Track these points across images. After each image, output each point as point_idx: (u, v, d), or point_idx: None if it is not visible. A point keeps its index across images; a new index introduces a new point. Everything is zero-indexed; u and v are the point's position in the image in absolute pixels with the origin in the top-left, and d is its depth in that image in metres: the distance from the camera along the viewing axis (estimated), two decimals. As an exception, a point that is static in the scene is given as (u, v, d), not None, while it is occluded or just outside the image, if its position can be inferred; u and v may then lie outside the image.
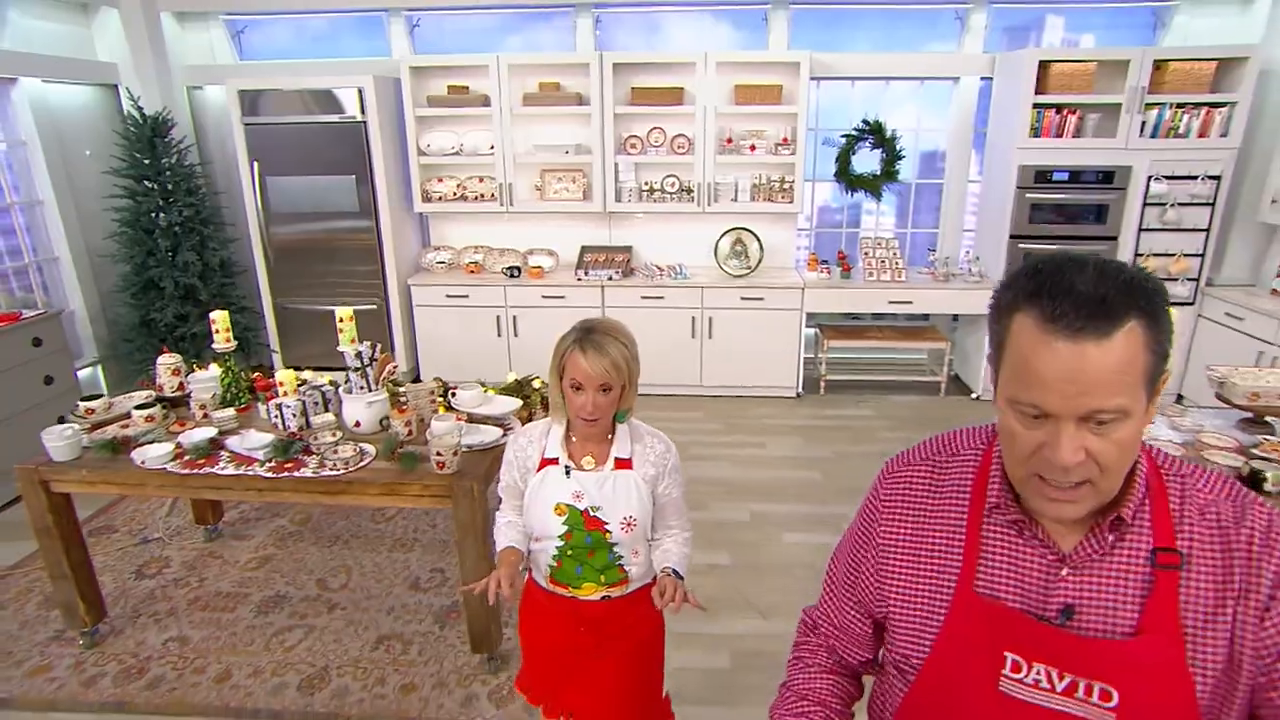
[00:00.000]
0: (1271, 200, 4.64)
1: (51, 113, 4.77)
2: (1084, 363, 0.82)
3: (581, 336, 1.68)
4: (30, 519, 2.77)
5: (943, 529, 1.06)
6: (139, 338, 5.05)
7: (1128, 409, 0.84)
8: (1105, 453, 0.86)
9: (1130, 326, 0.82)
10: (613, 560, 1.78)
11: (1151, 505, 0.96)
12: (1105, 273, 0.84)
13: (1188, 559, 0.93)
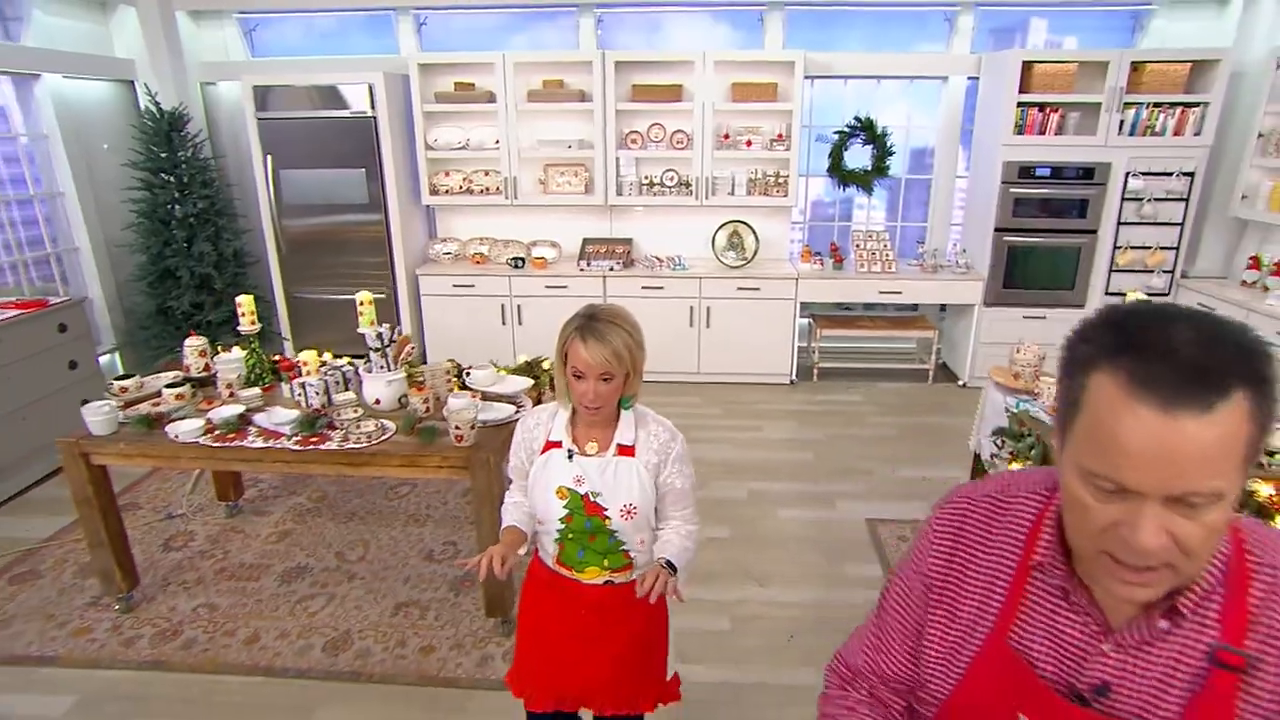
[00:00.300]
0: (1242, 196, 4.82)
1: (71, 107, 4.89)
2: (1180, 439, 0.69)
3: (583, 324, 1.65)
4: (71, 490, 2.91)
5: (988, 572, 0.96)
6: (155, 325, 5.17)
7: (1223, 491, 0.72)
8: (1191, 537, 0.73)
9: (1237, 399, 0.69)
10: (614, 545, 1.76)
11: (1226, 593, 0.82)
12: (1205, 331, 0.71)
13: (1257, 664, 0.80)
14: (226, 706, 2.61)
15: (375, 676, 2.75)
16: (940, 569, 1.00)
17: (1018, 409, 2.92)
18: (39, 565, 3.42)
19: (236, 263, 5.39)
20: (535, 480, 1.75)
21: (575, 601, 1.81)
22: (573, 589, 1.80)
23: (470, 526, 3.65)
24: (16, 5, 4.63)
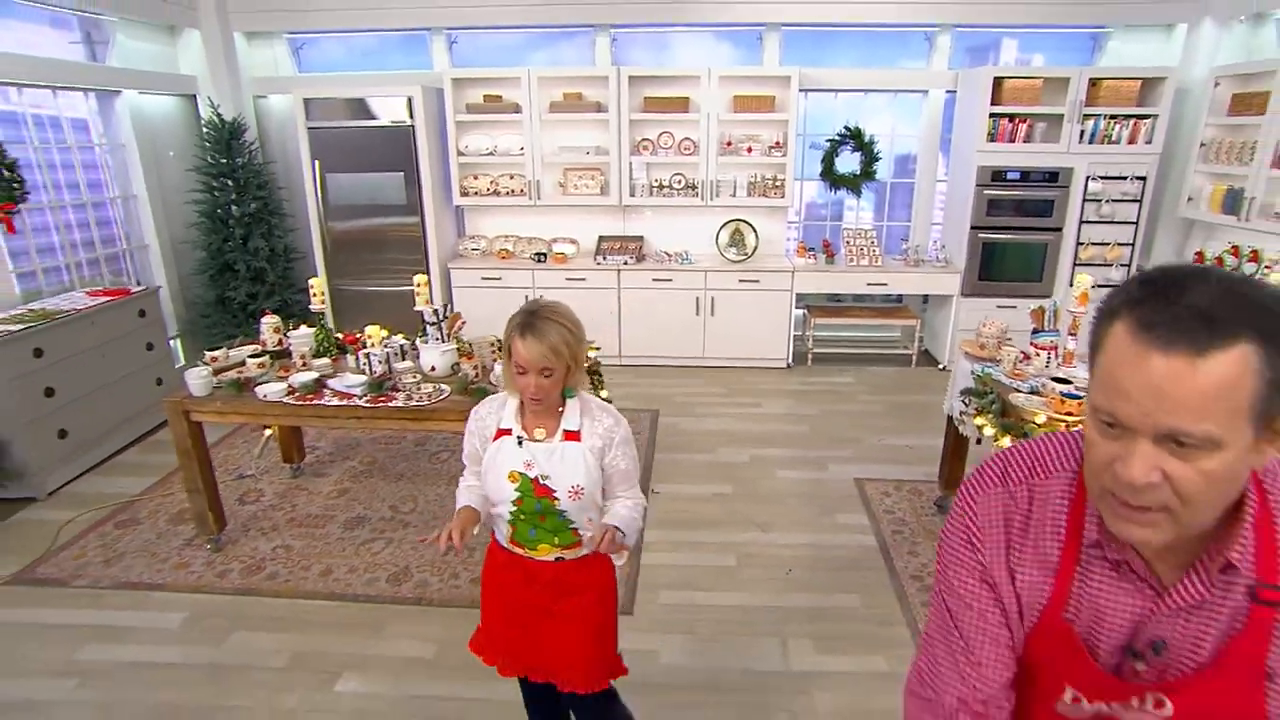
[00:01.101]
0: (1188, 198, 5.23)
1: (145, 119, 5.29)
2: (1170, 378, 0.71)
3: (524, 321, 1.67)
4: (174, 442, 3.30)
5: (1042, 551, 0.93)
6: (215, 314, 5.58)
7: (1219, 439, 0.72)
8: (1187, 481, 0.74)
9: (1240, 349, 0.70)
10: (563, 524, 1.80)
11: (1256, 533, 0.82)
12: (1225, 286, 0.72)
13: None
14: (309, 623, 3.00)
15: (434, 601, 3.14)
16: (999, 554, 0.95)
17: (982, 373, 3.32)
18: (137, 514, 3.82)
19: (286, 258, 5.80)
20: (488, 465, 1.79)
21: (530, 578, 1.86)
22: (527, 566, 1.85)
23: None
24: (103, 30, 5.05)
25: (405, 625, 2.99)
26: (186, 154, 5.65)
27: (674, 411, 5.01)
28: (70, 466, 4.13)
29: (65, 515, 3.78)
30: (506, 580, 1.90)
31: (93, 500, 3.94)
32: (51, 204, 4.73)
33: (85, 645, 2.86)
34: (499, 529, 1.87)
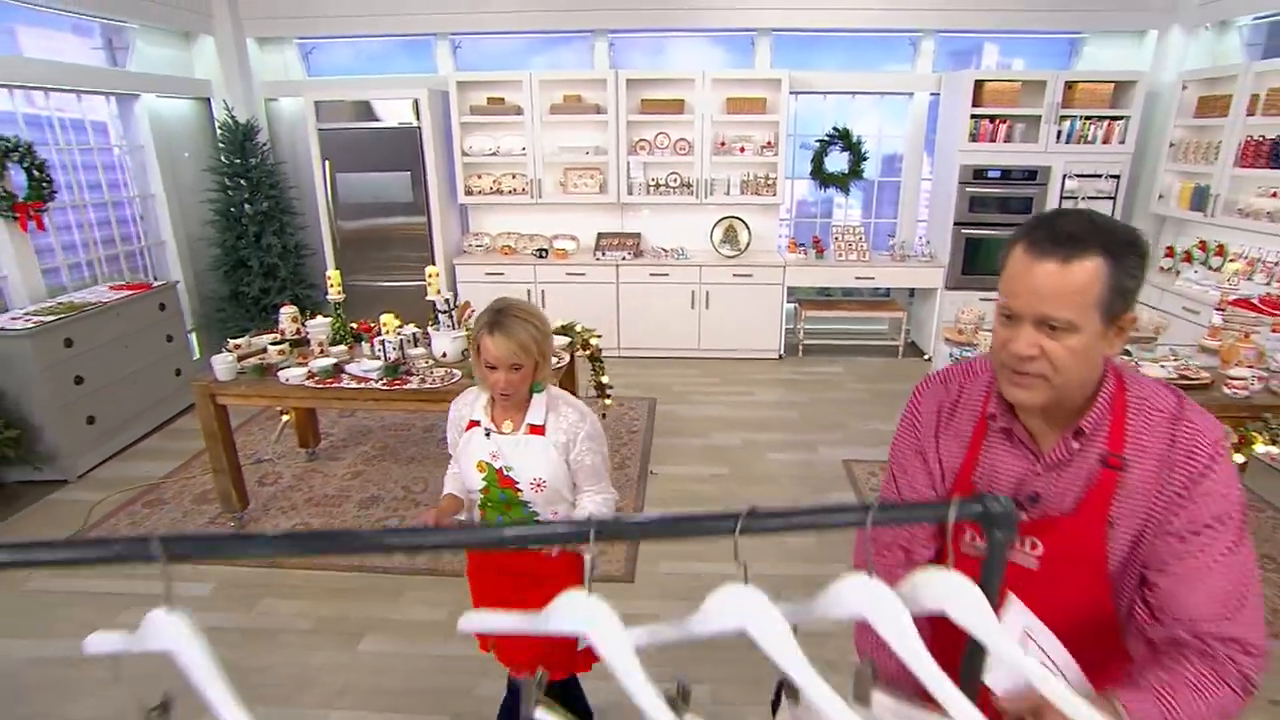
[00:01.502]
0: (1159, 196, 5.45)
1: (162, 122, 5.47)
2: (1043, 278, 0.98)
3: (492, 319, 1.71)
4: (201, 424, 3.49)
5: (960, 430, 1.22)
6: (230, 308, 5.76)
7: (1076, 324, 0.98)
8: (1056, 354, 1.00)
9: (1093, 261, 0.96)
10: (528, 517, 1.85)
11: (1112, 418, 1.08)
12: (1088, 219, 1.00)
13: (1128, 465, 1.06)
14: (331, 591, 3.19)
15: (447, 572, 3.33)
16: (930, 432, 1.25)
17: (959, 357, 3.53)
18: (163, 495, 4.00)
19: (297, 254, 5.98)
20: (460, 454, 1.87)
21: (503, 566, 1.94)
22: (496, 556, 1.93)
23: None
24: (124, 36, 5.22)
25: (420, 593, 3.18)
26: (200, 155, 5.83)
27: (671, 399, 5.21)
28: (98, 451, 4.31)
29: (95, 496, 3.96)
30: (485, 566, 1.98)
31: (120, 483, 4.12)
32: (76, 203, 4.90)
33: (123, 611, 3.05)
34: (474, 516, 1.93)
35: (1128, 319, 1.03)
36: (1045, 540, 1.15)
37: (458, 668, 2.73)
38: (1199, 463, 1.05)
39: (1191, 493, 1.05)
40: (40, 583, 3.24)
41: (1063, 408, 1.10)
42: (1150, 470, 1.07)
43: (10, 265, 4.31)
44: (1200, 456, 1.05)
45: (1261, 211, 4.54)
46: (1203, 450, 1.05)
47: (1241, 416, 2.97)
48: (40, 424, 3.95)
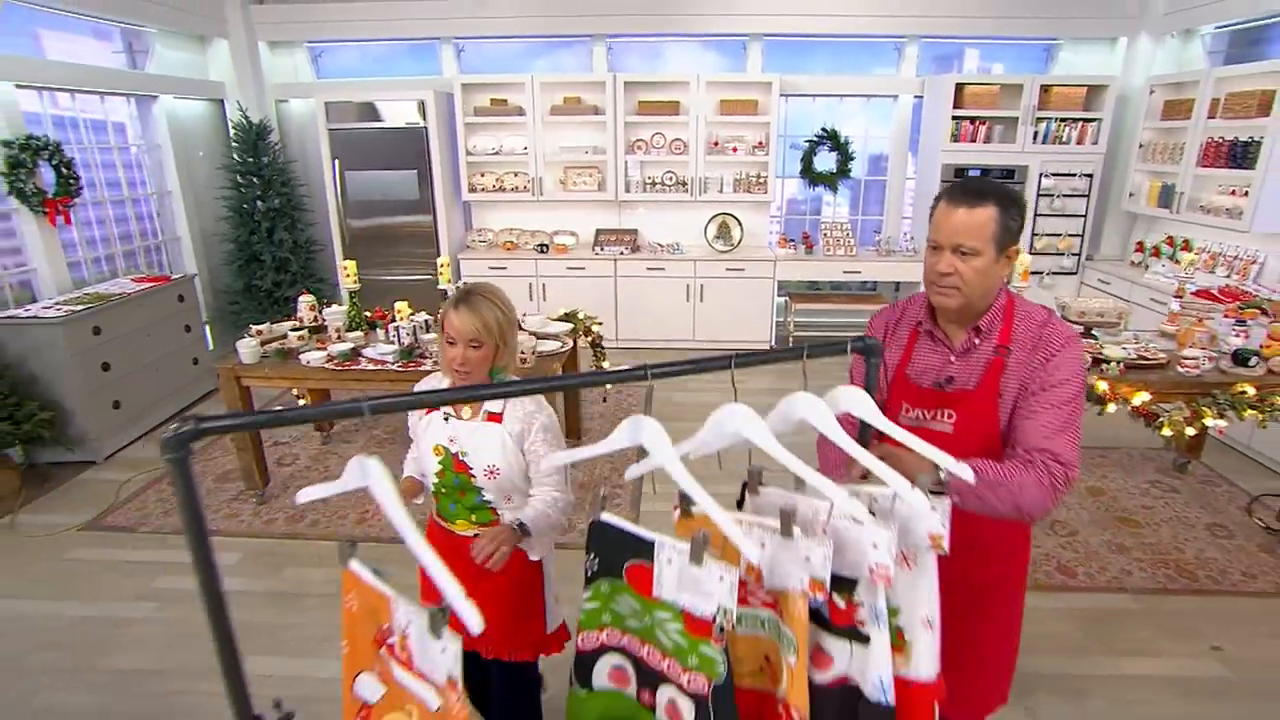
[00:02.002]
0: (1129, 194, 5.71)
1: (177, 122, 5.67)
2: (957, 218, 1.46)
3: (460, 297, 1.75)
4: (225, 405, 3.70)
5: (899, 339, 1.68)
6: (243, 300, 5.96)
7: (979, 250, 1.46)
8: (965, 271, 1.48)
9: (989, 208, 1.45)
10: (481, 504, 1.83)
11: (1003, 323, 1.56)
12: (985, 182, 1.53)
13: (1012, 351, 1.54)
14: (352, 558, 3.41)
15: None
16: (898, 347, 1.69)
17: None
18: (185, 473, 4.21)
19: (307, 250, 6.18)
20: (419, 437, 1.88)
21: (452, 551, 1.85)
22: (449, 539, 1.88)
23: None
24: (144, 40, 5.43)
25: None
26: (213, 154, 6.03)
27: (668, 387, 5.43)
28: (123, 434, 4.51)
29: (123, 476, 4.16)
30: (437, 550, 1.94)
31: (144, 464, 4.32)
32: (98, 200, 5.10)
33: (158, 577, 3.26)
34: (430, 500, 1.94)
35: (1013, 250, 1.53)
36: (958, 410, 1.59)
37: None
38: (1054, 347, 1.52)
39: (1045, 365, 1.51)
40: (81, 552, 3.45)
41: (969, 313, 1.57)
42: (1024, 355, 1.54)
43: (40, 258, 4.51)
44: (1056, 343, 1.52)
45: (1221, 208, 4.80)
46: (1058, 340, 1.52)
47: (1193, 393, 3.22)
48: (71, 408, 4.16)
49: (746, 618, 1.16)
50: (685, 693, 1.09)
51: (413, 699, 1.06)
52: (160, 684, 2.64)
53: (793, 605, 1.08)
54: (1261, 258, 4.66)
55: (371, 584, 1.10)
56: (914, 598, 1.16)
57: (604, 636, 1.19)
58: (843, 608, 1.12)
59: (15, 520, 3.71)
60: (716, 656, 1.05)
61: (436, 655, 1.00)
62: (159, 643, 2.86)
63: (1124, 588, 3.15)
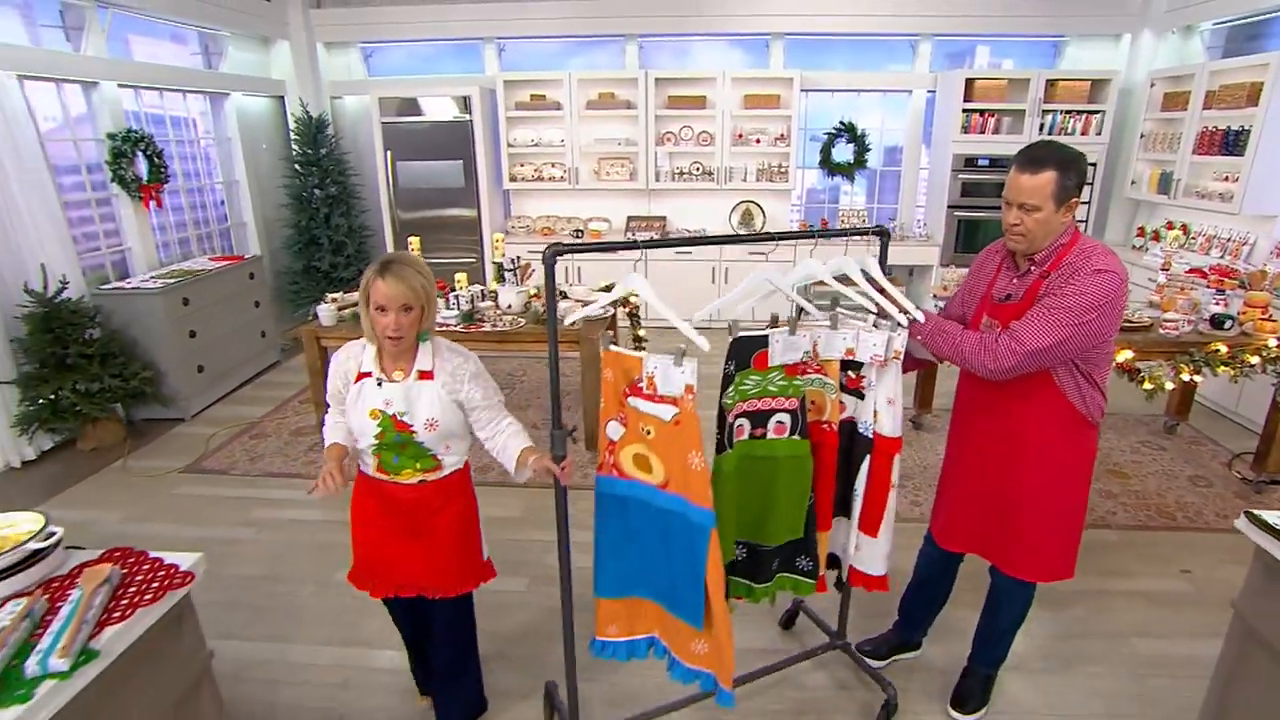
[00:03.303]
0: (1131, 182, 6.05)
1: (245, 117, 6.20)
2: (1021, 181, 1.82)
3: (382, 266, 1.81)
4: (307, 363, 4.21)
5: (988, 268, 2.10)
6: (302, 281, 6.48)
7: (1039, 206, 1.81)
8: (1028, 222, 1.84)
9: (1049, 171, 1.78)
10: (423, 452, 1.93)
11: (1055, 256, 1.87)
12: (1047, 146, 1.83)
13: (1053, 277, 1.85)
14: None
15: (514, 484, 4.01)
16: (973, 272, 2.19)
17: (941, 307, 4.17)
18: (265, 430, 4.71)
19: (361, 234, 6.70)
20: (351, 405, 1.91)
21: (394, 502, 1.97)
22: (392, 491, 1.96)
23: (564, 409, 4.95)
24: (219, 43, 5.97)
25: (494, 498, 3.85)
26: (274, 146, 6.56)
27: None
28: (206, 396, 5.03)
29: (209, 430, 4.68)
30: (372, 508, 2.01)
31: (227, 421, 4.83)
32: (178, 188, 5.63)
33: (254, 509, 3.75)
34: (364, 461, 1.99)
35: (1074, 202, 1.86)
36: (1001, 319, 1.97)
37: (528, 548, 3.42)
38: (1079, 274, 1.82)
39: (1064, 285, 1.82)
40: (185, 489, 3.96)
41: (1033, 251, 1.93)
42: (1064, 276, 1.84)
43: (134, 238, 5.04)
44: (1084, 271, 1.81)
45: (1215, 193, 5.15)
46: (1086, 270, 1.81)
47: (1172, 351, 3.61)
48: (165, 370, 4.67)
49: (810, 380, 2.00)
50: (785, 410, 1.93)
51: (650, 419, 1.75)
52: (271, 586, 3.13)
53: (832, 366, 2.00)
54: (1252, 239, 4.99)
55: (627, 353, 1.83)
56: (884, 383, 2.02)
57: (738, 408, 1.94)
58: (853, 378, 2.04)
59: (126, 463, 4.23)
60: (801, 384, 1.94)
61: (676, 377, 1.72)
62: (264, 557, 3.34)
63: (1109, 525, 3.54)
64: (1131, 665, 2.62)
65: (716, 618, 1.81)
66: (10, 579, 1.56)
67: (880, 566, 2.16)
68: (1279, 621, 1.83)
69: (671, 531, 1.79)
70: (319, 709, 2.48)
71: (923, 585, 2.55)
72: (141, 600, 1.58)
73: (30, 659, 1.35)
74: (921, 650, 2.67)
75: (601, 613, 1.98)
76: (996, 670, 2.45)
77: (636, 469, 1.83)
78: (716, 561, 1.75)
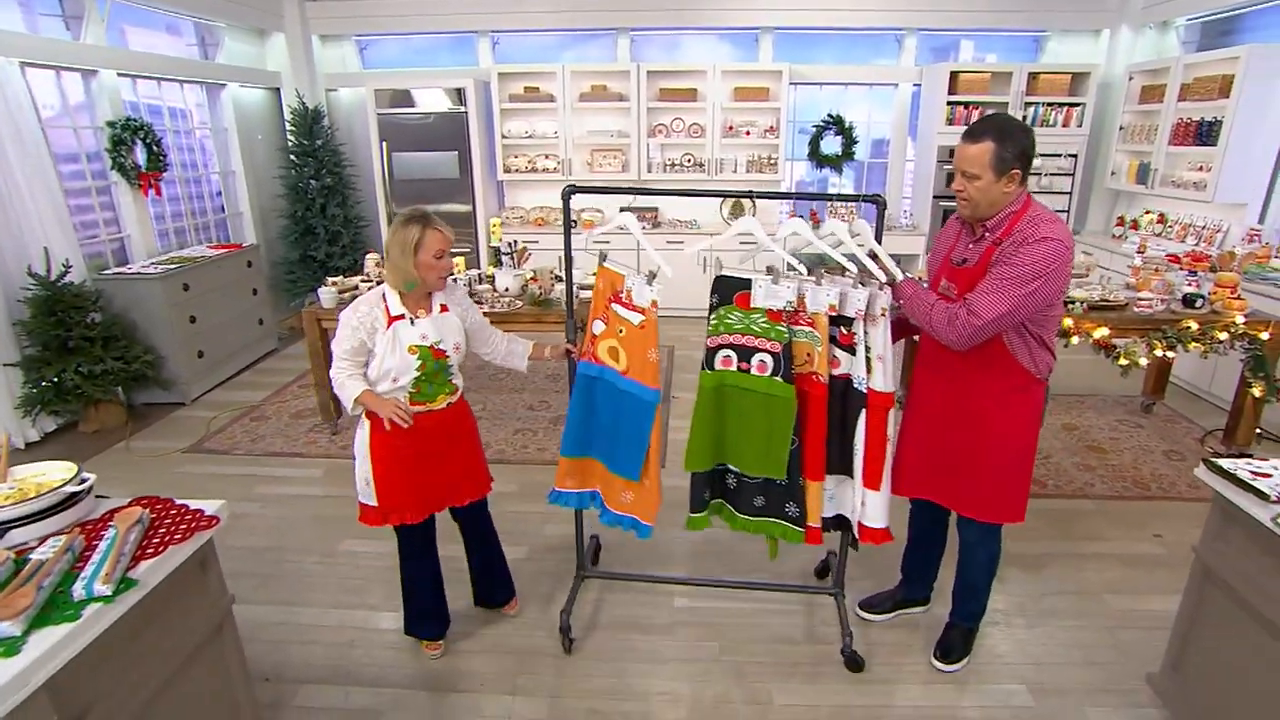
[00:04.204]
0: (1111, 172, 6.23)
1: (240, 108, 6.26)
2: (962, 150, 1.97)
3: (423, 220, 2.12)
4: (308, 345, 4.28)
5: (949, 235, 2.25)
6: (298, 270, 6.55)
7: (978, 175, 1.95)
8: (970, 189, 1.99)
9: (986, 142, 1.92)
10: (448, 377, 2.27)
11: (1007, 224, 2.00)
12: (988, 120, 1.97)
13: (1004, 245, 1.98)
14: (420, 474, 3.98)
15: (513, 460, 4.12)
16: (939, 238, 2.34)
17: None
18: (265, 413, 4.79)
19: (356, 224, 6.78)
20: (387, 349, 2.15)
21: (432, 428, 2.27)
22: (427, 419, 2.26)
23: (558, 392, 5.07)
24: (215, 34, 6.04)
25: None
26: (269, 138, 6.63)
27: (687, 347, 5.99)
28: (205, 380, 5.10)
29: (210, 414, 4.75)
30: (404, 444, 2.24)
31: (227, 405, 4.91)
32: (175, 178, 5.70)
33: (258, 485, 3.84)
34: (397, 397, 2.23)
35: (1013, 174, 1.97)
36: (959, 283, 2.12)
37: (526, 516, 3.52)
38: (1028, 242, 1.94)
39: (1014, 253, 1.95)
40: (188, 468, 4.04)
41: (983, 218, 2.07)
42: (1014, 245, 1.96)
43: (132, 225, 5.10)
44: (1030, 240, 1.93)
45: (1189, 182, 5.32)
46: (1034, 238, 1.92)
47: (1145, 329, 3.76)
48: (165, 354, 4.74)
49: (799, 332, 2.18)
50: (768, 352, 2.17)
51: (624, 322, 2.28)
52: (275, 556, 3.22)
53: (820, 320, 2.15)
54: (1225, 226, 5.17)
55: (615, 270, 2.34)
56: (876, 340, 2.15)
57: (720, 339, 2.25)
58: (846, 334, 2.17)
59: (129, 444, 4.31)
60: (785, 331, 2.14)
61: (646, 292, 2.24)
62: (268, 530, 3.43)
63: (1086, 495, 3.69)
64: (1104, 619, 2.77)
65: (651, 475, 2.33)
66: (47, 520, 1.66)
67: (884, 519, 2.30)
68: (1234, 562, 1.98)
69: (624, 408, 2.31)
70: (328, 666, 2.58)
71: (917, 543, 2.70)
72: (172, 539, 1.68)
73: (76, 584, 1.45)
74: (930, 606, 2.81)
75: (561, 469, 2.50)
76: (976, 624, 2.58)
77: (608, 358, 2.35)
78: (658, 430, 2.28)
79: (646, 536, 2.39)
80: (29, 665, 1.28)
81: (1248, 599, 1.90)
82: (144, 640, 1.60)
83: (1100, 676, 2.48)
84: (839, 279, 2.18)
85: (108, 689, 1.50)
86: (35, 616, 1.38)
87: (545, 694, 2.44)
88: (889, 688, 2.45)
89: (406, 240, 2.10)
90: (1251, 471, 1.93)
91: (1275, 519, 1.76)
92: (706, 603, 2.90)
